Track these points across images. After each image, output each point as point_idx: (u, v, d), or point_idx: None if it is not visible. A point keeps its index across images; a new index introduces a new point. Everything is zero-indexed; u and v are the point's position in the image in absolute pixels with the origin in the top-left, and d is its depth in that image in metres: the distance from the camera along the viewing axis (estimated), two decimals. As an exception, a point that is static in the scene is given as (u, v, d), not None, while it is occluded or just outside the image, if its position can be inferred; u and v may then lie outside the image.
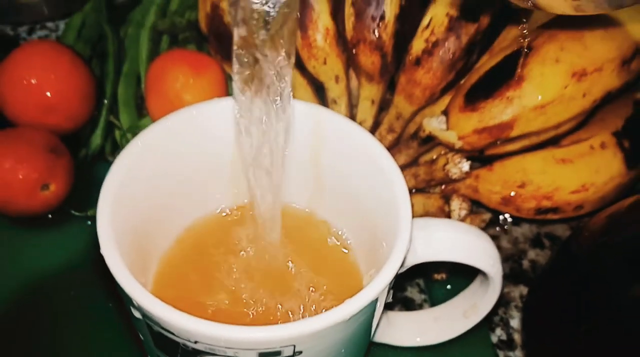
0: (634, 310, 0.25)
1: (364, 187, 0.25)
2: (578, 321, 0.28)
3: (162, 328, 0.18)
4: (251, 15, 0.21)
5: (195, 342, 0.18)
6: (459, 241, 0.23)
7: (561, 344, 0.29)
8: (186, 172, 0.27)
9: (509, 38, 0.36)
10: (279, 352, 0.18)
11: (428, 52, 0.32)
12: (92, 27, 0.45)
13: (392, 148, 0.36)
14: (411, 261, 0.22)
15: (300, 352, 0.18)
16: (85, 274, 0.33)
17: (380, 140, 0.36)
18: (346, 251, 0.27)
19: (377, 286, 0.19)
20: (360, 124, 0.37)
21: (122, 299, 0.20)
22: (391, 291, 0.22)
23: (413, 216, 0.33)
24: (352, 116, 0.37)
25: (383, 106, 0.37)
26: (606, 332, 0.27)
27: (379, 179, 0.23)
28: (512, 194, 0.33)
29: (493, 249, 0.24)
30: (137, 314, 0.19)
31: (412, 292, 0.35)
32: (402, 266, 0.21)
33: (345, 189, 0.26)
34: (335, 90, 0.36)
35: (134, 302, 0.18)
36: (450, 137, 0.32)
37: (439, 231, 0.23)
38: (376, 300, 0.20)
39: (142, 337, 0.22)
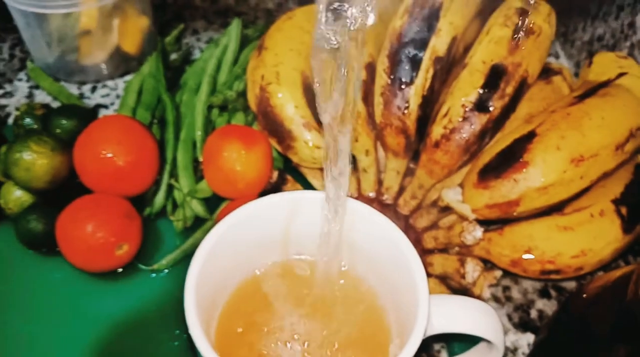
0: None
1: (390, 267, 0.30)
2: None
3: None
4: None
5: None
6: (469, 317, 0.28)
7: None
8: (248, 250, 0.32)
9: (519, 116, 0.41)
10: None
11: (446, 137, 0.37)
12: (151, 92, 0.51)
13: (415, 212, 0.42)
14: (429, 332, 0.27)
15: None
16: (151, 321, 0.39)
17: (404, 205, 0.42)
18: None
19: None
20: (387, 189, 0.42)
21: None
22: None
23: (432, 273, 0.38)
24: (380, 181, 0.43)
25: (407, 172, 0.42)
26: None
27: (400, 262, 0.29)
28: (520, 257, 0.38)
29: (497, 322, 0.29)
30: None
31: (437, 346, 0.40)
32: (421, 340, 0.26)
33: (374, 266, 0.31)
34: (365, 161, 0.41)
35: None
36: (465, 210, 0.37)
37: (453, 307, 0.28)
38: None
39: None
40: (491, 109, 0.36)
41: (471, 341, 0.33)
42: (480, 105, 0.36)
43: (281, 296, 0.31)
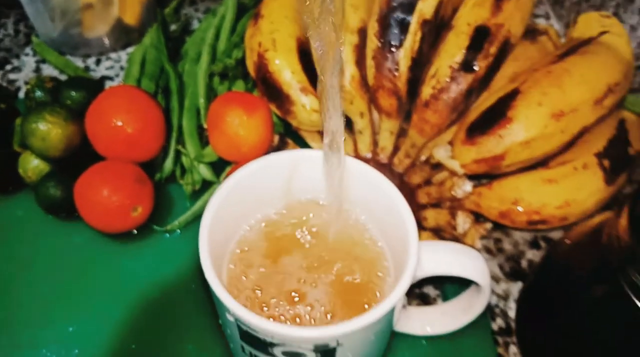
0: (594, 304, 0.33)
1: (386, 217, 0.33)
2: (557, 311, 0.36)
3: (249, 328, 0.27)
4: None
5: (272, 337, 0.26)
6: (457, 260, 0.31)
7: (545, 330, 0.37)
8: (255, 199, 0.35)
9: (505, 75, 0.43)
10: (327, 344, 0.27)
11: (435, 97, 0.39)
12: (153, 63, 0.53)
13: (409, 170, 0.44)
14: (420, 275, 0.30)
15: (342, 344, 0.27)
16: (168, 278, 0.42)
17: (399, 163, 0.44)
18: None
19: (394, 297, 0.27)
20: (382, 149, 0.44)
21: (212, 298, 0.29)
22: (405, 297, 0.30)
23: (426, 227, 0.41)
24: (375, 142, 0.45)
25: (400, 133, 0.45)
26: (577, 320, 0.34)
27: (394, 211, 0.31)
28: (508, 209, 0.41)
29: (483, 265, 0.32)
30: (230, 318, 0.28)
31: (429, 289, 0.43)
32: (412, 279, 0.29)
33: (372, 216, 0.34)
34: (360, 123, 0.44)
35: (230, 311, 0.27)
36: (455, 165, 0.40)
37: (442, 251, 0.31)
38: (394, 307, 0.28)
39: (228, 331, 0.30)
40: (476, 68, 0.38)
41: (463, 289, 0.36)
42: (466, 66, 0.38)
43: (284, 241, 0.34)
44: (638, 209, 0.30)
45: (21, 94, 0.56)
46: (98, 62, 0.60)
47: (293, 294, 0.31)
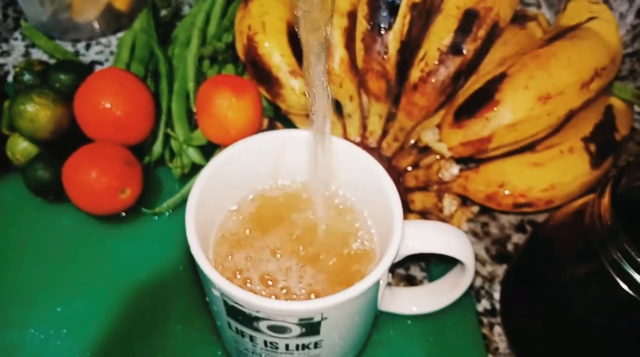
0: (577, 284, 0.33)
1: (370, 194, 0.33)
2: (540, 291, 0.36)
3: (235, 303, 0.27)
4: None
5: (257, 311, 0.27)
6: (441, 238, 0.31)
7: (529, 310, 0.37)
8: (243, 178, 0.35)
9: (494, 60, 0.43)
10: (312, 318, 0.27)
11: (423, 80, 0.40)
12: (143, 47, 0.53)
13: (397, 153, 0.44)
14: (404, 252, 0.31)
15: (326, 318, 0.27)
16: (156, 260, 0.42)
17: (387, 147, 0.44)
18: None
19: (378, 272, 0.28)
20: (370, 133, 0.45)
21: (199, 278, 0.29)
22: (390, 274, 0.31)
23: (413, 210, 0.41)
24: (364, 126, 0.45)
25: (389, 117, 0.45)
26: (560, 300, 0.35)
27: (379, 191, 0.32)
28: (494, 192, 0.41)
29: (467, 243, 0.32)
30: (216, 293, 0.28)
31: (415, 271, 0.43)
32: (396, 256, 0.29)
33: (360, 195, 0.35)
34: (349, 107, 0.44)
35: (217, 286, 0.27)
36: (442, 148, 0.40)
37: (426, 230, 0.31)
38: (378, 281, 0.28)
39: (215, 308, 0.31)
40: (465, 52, 0.38)
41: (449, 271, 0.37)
42: (455, 49, 0.38)
43: (271, 221, 0.34)
44: (620, 189, 0.31)
45: (10, 79, 0.55)
46: (88, 46, 0.60)
47: (279, 271, 0.32)
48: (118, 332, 0.39)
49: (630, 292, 0.29)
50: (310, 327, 0.28)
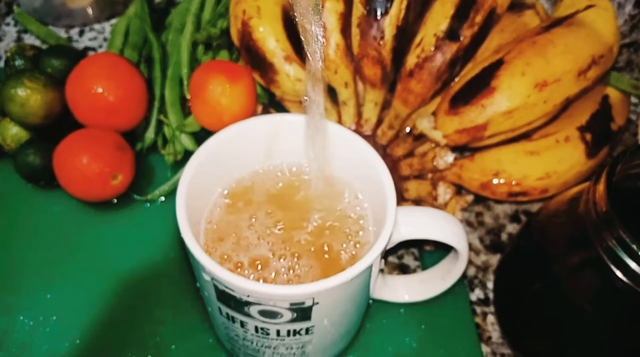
0: (570, 273, 0.33)
1: (363, 182, 0.33)
2: (534, 280, 0.36)
3: (226, 287, 0.26)
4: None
5: (248, 296, 0.26)
6: (433, 224, 0.31)
7: (522, 298, 0.37)
8: (236, 162, 0.34)
9: (491, 47, 0.42)
10: (303, 303, 0.27)
11: (419, 66, 0.39)
12: (137, 33, 0.52)
13: (392, 141, 0.44)
14: (397, 238, 0.30)
15: (318, 303, 0.27)
16: (147, 247, 0.42)
17: (382, 135, 0.44)
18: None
19: (370, 257, 0.27)
20: (366, 121, 0.44)
21: (190, 266, 0.28)
22: (383, 260, 0.30)
23: (407, 198, 0.41)
24: (360, 114, 0.45)
25: (385, 105, 0.45)
26: (554, 288, 0.35)
27: (373, 177, 0.31)
28: (489, 180, 0.41)
29: (460, 229, 0.32)
30: (206, 277, 0.27)
31: (408, 260, 0.43)
32: (389, 242, 0.29)
33: (353, 178, 0.34)
34: (345, 94, 0.43)
35: (207, 270, 0.26)
36: (437, 136, 0.40)
37: (419, 216, 0.31)
38: (370, 266, 0.28)
39: (205, 293, 0.30)
40: (461, 38, 0.38)
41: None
42: (451, 34, 0.38)
43: (264, 204, 0.33)
44: (615, 176, 0.30)
45: (1, 64, 0.55)
46: (81, 33, 0.59)
47: (270, 256, 0.31)
48: (108, 319, 0.38)
49: (625, 279, 0.29)
50: (302, 312, 0.27)
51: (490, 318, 0.40)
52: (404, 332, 0.38)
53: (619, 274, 0.29)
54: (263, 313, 0.28)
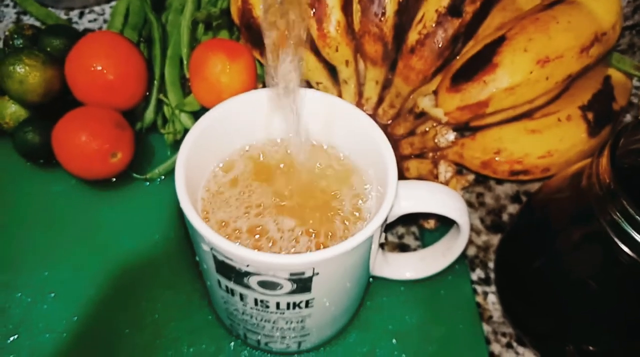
0: (572, 249, 0.33)
1: (364, 155, 0.32)
2: (536, 258, 0.36)
3: (225, 257, 0.26)
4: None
5: (247, 266, 0.26)
6: (434, 197, 0.31)
7: (523, 277, 0.37)
8: (233, 135, 0.34)
9: (492, 25, 0.42)
10: (303, 273, 0.26)
11: (421, 42, 0.39)
12: (137, 13, 0.52)
13: (393, 120, 0.44)
14: (398, 211, 0.30)
15: (318, 273, 0.27)
16: (146, 225, 0.42)
17: (383, 114, 0.44)
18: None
19: (371, 228, 0.27)
20: (366, 100, 0.44)
21: (189, 243, 0.28)
22: (383, 233, 0.30)
23: (408, 177, 0.41)
24: (360, 93, 0.44)
25: (386, 85, 0.44)
26: (556, 266, 0.34)
27: (374, 151, 0.31)
28: (490, 158, 0.41)
29: (462, 203, 0.32)
30: (205, 248, 0.27)
31: (409, 240, 0.43)
32: (390, 214, 0.29)
33: (354, 151, 0.34)
34: (345, 72, 0.43)
35: (206, 240, 0.26)
36: (438, 113, 0.39)
37: (419, 189, 0.31)
38: (371, 238, 0.28)
39: (204, 266, 0.30)
40: (463, 13, 0.38)
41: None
42: (453, 10, 0.37)
43: (262, 175, 0.33)
44: (619, 149, 0.30)
45: (0, 44, 0.54)
46: (81, 15, 0.59)
47: (270, 227, 0.31)
48: (106, 297, 0.38)
49: (631, 253, 0.29)
50: (302, 283, 0.27)
51: (492, 297, 0.40)
52: (404, 310, 0.38)
53: (623, 247, 0.29)
54: (263, 284, 0.27)
